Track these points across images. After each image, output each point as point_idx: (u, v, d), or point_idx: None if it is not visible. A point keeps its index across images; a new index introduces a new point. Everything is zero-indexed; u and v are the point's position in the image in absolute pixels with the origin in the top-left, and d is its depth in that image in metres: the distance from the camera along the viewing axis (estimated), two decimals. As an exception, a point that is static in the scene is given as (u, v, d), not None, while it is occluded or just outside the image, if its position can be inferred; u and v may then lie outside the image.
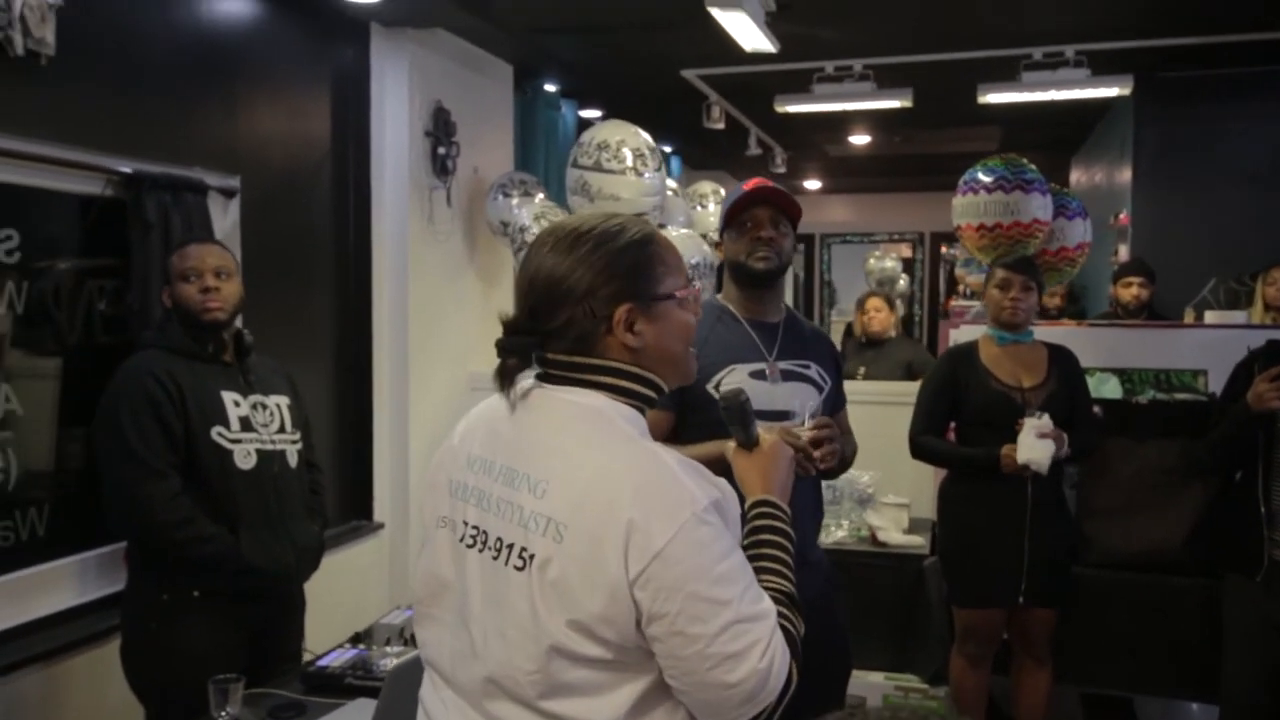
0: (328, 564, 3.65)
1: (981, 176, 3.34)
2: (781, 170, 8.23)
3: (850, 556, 3.56)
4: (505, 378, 1.31)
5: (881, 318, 5.30)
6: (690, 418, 2.18)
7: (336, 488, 4.09)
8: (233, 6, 3.51)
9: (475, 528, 1.30)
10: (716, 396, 2.21)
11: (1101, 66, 4.74)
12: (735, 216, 2.29)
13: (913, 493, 3.87)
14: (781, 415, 2.26)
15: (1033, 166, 3.36)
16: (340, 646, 2.45)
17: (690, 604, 1.16)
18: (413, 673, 1.54)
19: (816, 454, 2.19)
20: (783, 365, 2.29)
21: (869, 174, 9.78)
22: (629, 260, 1.31)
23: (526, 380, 1.34)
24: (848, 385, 4.88)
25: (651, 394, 1.34)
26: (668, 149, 7.99)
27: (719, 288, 2.55)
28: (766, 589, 1.28)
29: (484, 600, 1.27)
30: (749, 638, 1.18)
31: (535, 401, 1.32)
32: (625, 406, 1.31)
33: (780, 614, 1.26)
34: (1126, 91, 4.87)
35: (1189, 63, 5.10)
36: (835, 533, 3.65)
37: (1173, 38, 4.64)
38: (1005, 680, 3.34)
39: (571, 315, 1.29)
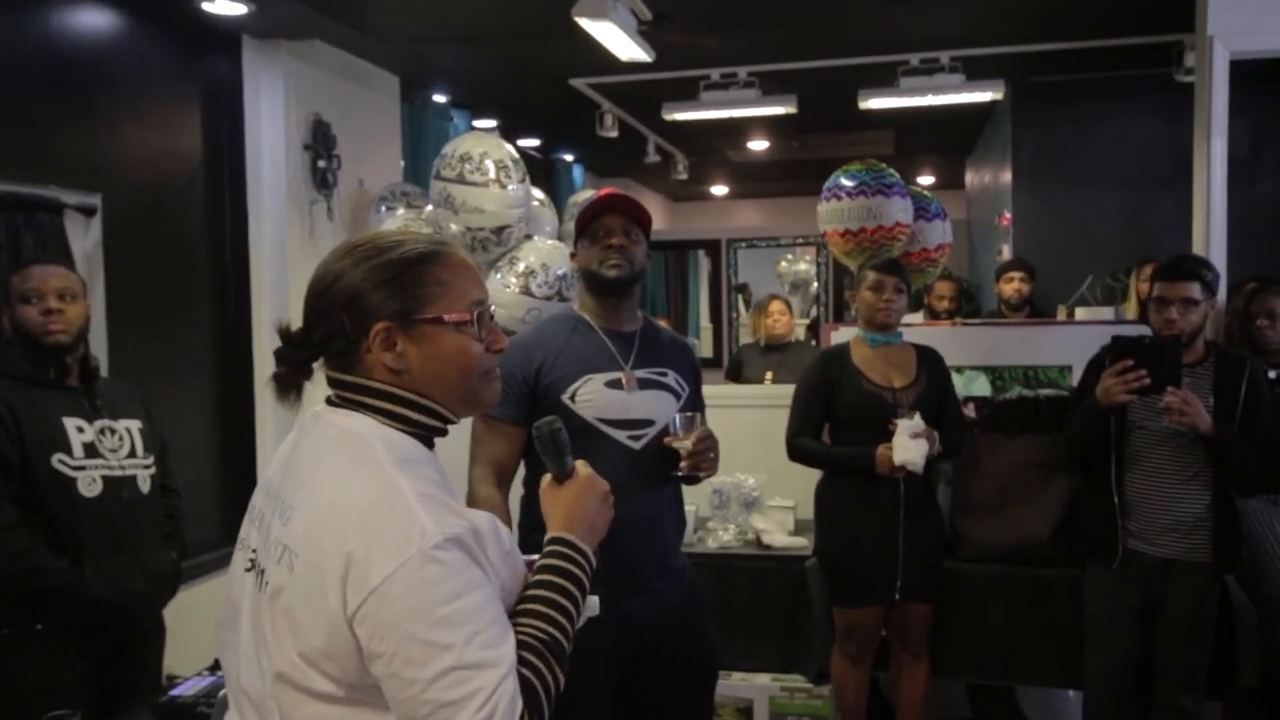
0: (208, 588, 3.59)
1: (844, 182, 3.39)
2: (684, 176, 8.29)
3: (736, 560, 3.58)
4: (279, 387, 1.27)
5: (785, 321, 5.32)
6: None
7: (218, 510, 4.01)
8: (90, 19, 3.42)
9: (253, 550, 1.28)
10: (572, 407, 2.21)
11: (976, 72, 4.88)
12: (587, 225, 2.30)
13: (799, 495, 3.91)
14: (639, 424, 2.26)
15: (892, 171, 3.43)
16: (199, 674, 2.39)
17: (406, 645, 1.10)
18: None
19: (699, 464, 2.22)
20: (639, 374, 2.29)
21: (772, 179, 9.90)
22: (393, 274, 1.25)
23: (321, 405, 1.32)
24: (741, 388, 4.96)
25: (432, 421, 1.28)
26: (569, 157, 8.00)
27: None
28: (521, 634, 1.19)
29: (250, 625, 1.25)
30: (468, 686, 1.09)
31: (309, 425, 1.30)
32: (394, 432, 1.25)
33: (526, 661, 1.17)
34: (1000, 96, 5.02)
35: (1059, 68, 5.27)
36: (721, 536, 3.68)
37: (1042, 43, 4.79)
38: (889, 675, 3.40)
39: (331, 327, 1.25)
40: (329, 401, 1.31)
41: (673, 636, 2.29)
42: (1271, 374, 3.05)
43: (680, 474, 2.26)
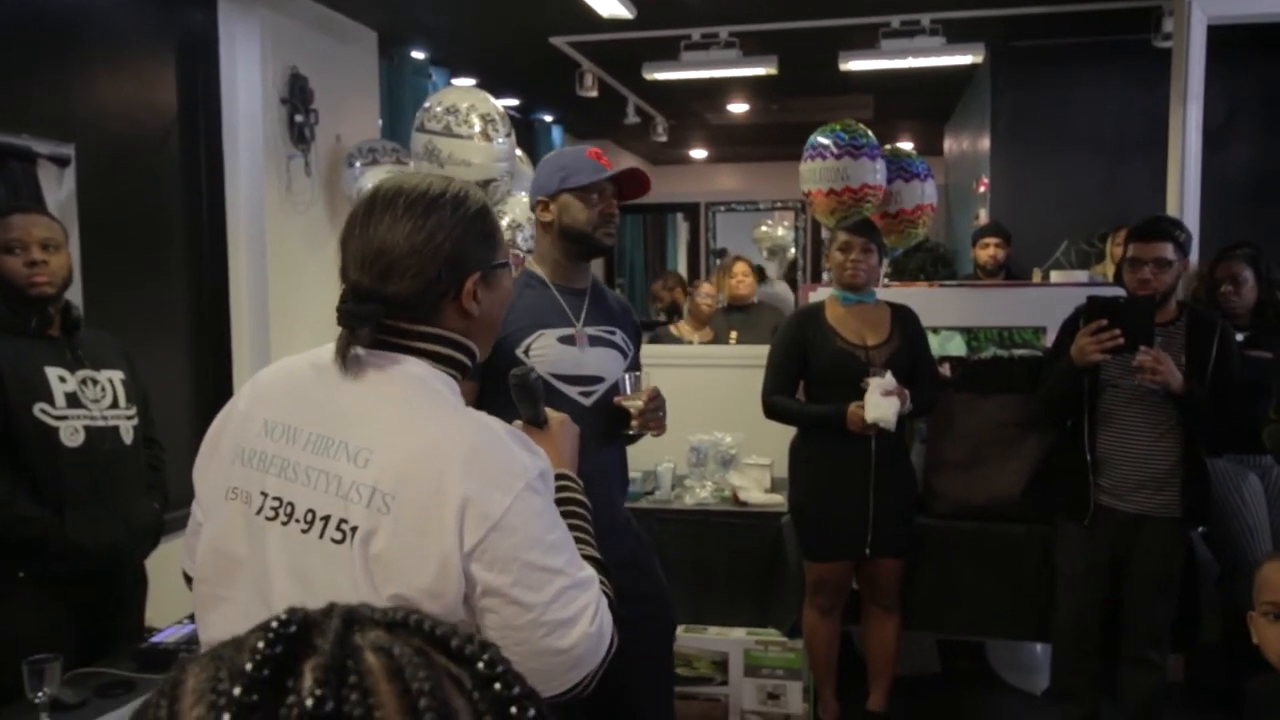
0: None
1: (823, 141, 3.41)
2: (663, 139, 8.23)
3: (713, 516, 3.63)
4: (347, 349, 1.23)
5: (749, 282, 5.38)
6: (497, 383, 2.16)
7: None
8: (63, -34, 3.36)
9: (277, 498, 1.22)
10: (526, 362, 2.20)
11: (957, 35, 4.87)
12: (591, 186, 2.23)
13: (775, 453, 3.95)
14: (590, 380, 2.26)
15: (868, 132, 3.44)
16: (179, 622, 2.41)
17: (525, 573, 1.16)
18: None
19: (649, 423, 2.24)
20: (590, 331, 2.28)
21: (752, 143, 9.86)
22: (480, 227, 1.28)
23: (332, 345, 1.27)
24: (719, 348, 4.99)
25: (469, 362, 1.31)
26: (548, 118, 7.94)
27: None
28: (583, 557, 1.29)
29: (290, 576, 1.20)
30: (579, 603, 1.20)
31: (355, 368, 1.25)
32: (444, 374, 1.28)
33: (599, 580, 1.27)
34: (979, 59, 5.02)
35: (1039, 32, 5.27)
36: (699, 493, 3.72)
37: (1022, 7, 4.79)
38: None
39: (426, 283, 1.24)
40: (351, 344, 1.24)
41: (625, 586, 2.32)
42: (1239, 336, 3.12)
43: (631, 433, 2.28)
